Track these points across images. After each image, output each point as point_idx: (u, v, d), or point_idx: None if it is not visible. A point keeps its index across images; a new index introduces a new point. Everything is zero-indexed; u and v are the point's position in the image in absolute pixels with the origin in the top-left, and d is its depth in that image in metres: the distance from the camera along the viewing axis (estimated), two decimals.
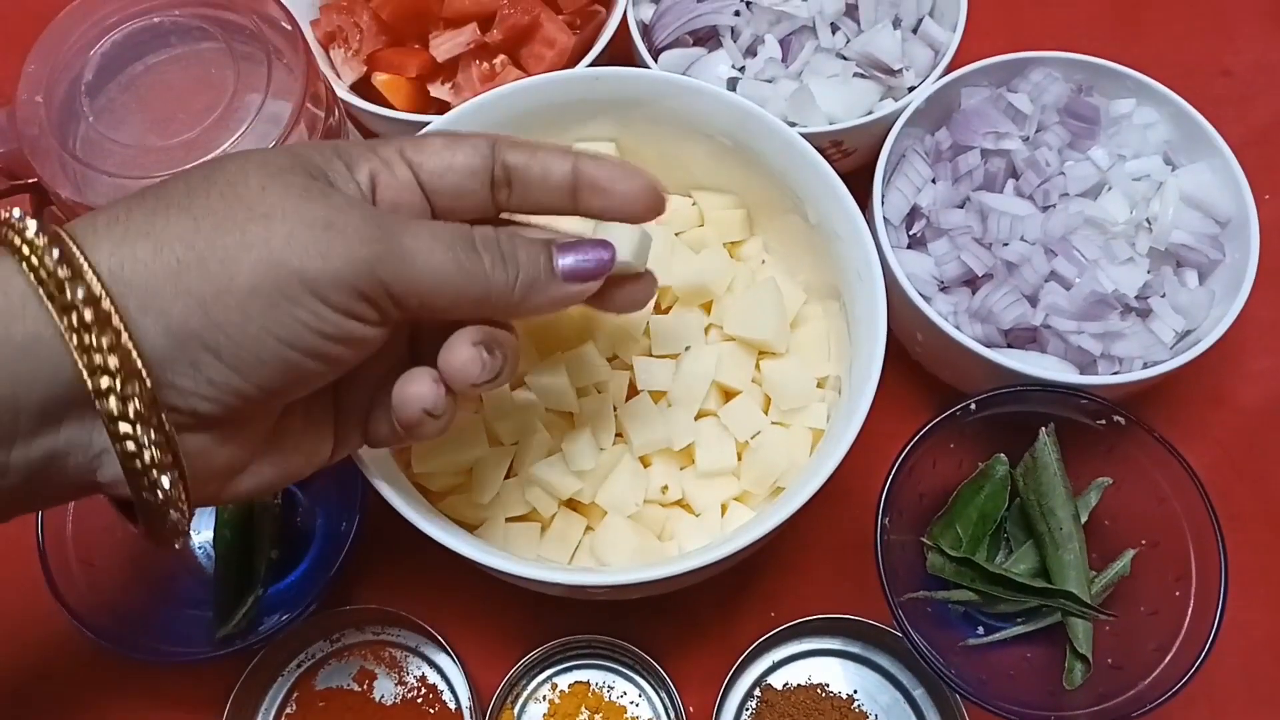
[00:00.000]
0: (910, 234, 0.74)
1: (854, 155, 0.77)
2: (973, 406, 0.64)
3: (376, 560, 0.72)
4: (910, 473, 0.64)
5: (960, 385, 0.73)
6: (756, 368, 0.65)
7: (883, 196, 0.72)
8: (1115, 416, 0.64)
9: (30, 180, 0.62)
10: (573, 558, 0.62)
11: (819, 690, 0.68)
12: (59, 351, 0.37)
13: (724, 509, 0.63)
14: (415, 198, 0.46)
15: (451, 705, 0.68)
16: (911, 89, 0.76)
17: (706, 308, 0.67)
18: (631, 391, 0.64)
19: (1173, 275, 0.70)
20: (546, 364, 0.62)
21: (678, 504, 0.64)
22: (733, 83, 0.78)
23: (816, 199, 0.63)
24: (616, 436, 0.63)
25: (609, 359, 0.65)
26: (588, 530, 0.63)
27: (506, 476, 0.63)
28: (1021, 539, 0.68)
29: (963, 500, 0.67)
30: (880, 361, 0.57)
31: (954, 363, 0.70)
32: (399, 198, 0.46)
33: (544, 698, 0.68)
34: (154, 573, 0.70)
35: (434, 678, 0.69)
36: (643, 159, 0.70)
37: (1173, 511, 0.64)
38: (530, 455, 0.62)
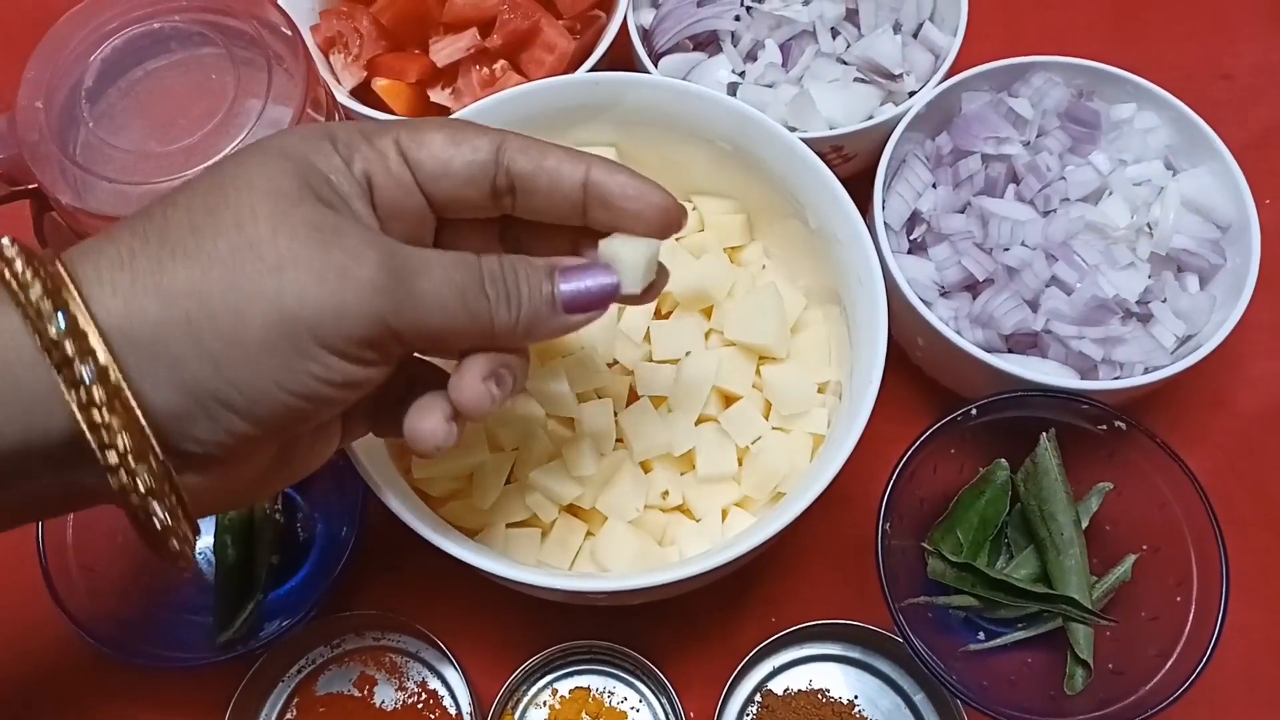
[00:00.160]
0: (911, 239, 0.74)
1: (854, 160, 0.77)
2: (974, 412, 0.64)
3: (377, 566, 0.72)
4: (911, 478, 0.64)
5: (961, 390, 0.73)
6: (757, 373, 0.65)
7: (883, 201, 0.72)
8: (1116, 421, 0.64)
9: (30, 186, 0.62)
10: (573, 563, 0.62)
11: (820, 695, 0.68)
12: (59, 405, 0.36)
13: (725, 514, 0.63)
14: (412, 198, 0.45)
15: (452, 711, 0.68)
16: (912, 94, 0.76)
17: (707, 313, 0.67)
18: (632, 397, 0.64)
19: (1174, 280, 0.70)
20: (547, 370, 0.62)
21: (678, 509, 0.64)
22: (733, 88, 0.78)
23: (817, 204, 0.63)
24: (617, 442, 0.63)
25: (609, 364, 0.65)
26: (588, 536, 0.63)
27: (507, 482, 0.63)
28: (1022, 544, 0.68)
29: (963, 505, 0.67)
30: (881, 367, 0.57)
31: (955, 368, 0.70)
32: (395, 199, 0.44)
33: (544, 703, 0.68)
34: (154, 578, 0.70)
35: (434, 683, 0.69)
36: (643, 164, 0.69)
37: (1174, 516, 0.64)
38: (531, 461, 0.62)
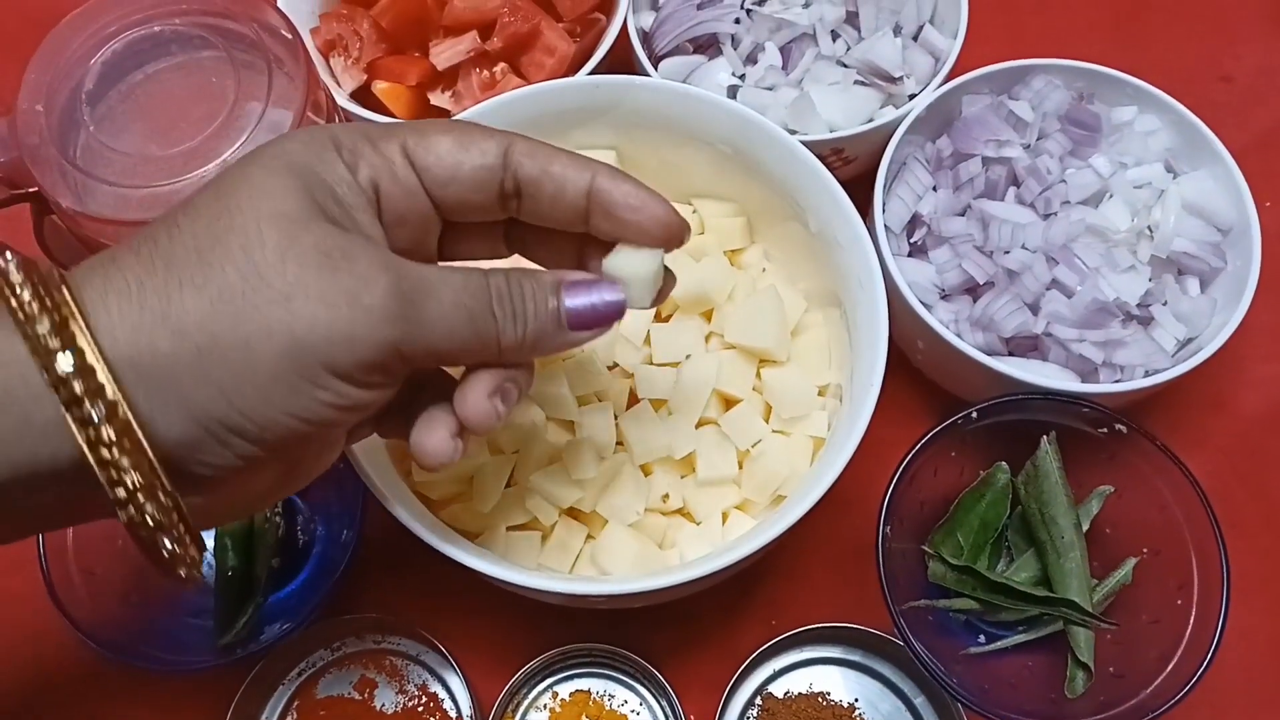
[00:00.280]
0: (911, 242, 0.74)
1: (855, 163, 0.77)
2: (974, 415, 0.64)
3: (377, 569, 0.72)
4: (911, 481, 0.64)
5: (961, 393, 0.73)
6: (757, 376, 0.65)
7: (883, 204, 0.72)
8: (1117, 425, 0.64)
9: (31, 189, 0.62)
10: (574, 566, 0.62)
11: (820, 698, 0.68)
12: (66, 436, 0.36)
13: (725, 517, 0.63)
14: (420, 203, 0.45)
15: (452, 714, 0.68)
16: (912, 96, 0.76)
17: (707, 316, 0.67)
18: (632, 400, 0.64)
19: (1174, 283, 0.70)
20: (547, 373, 0.62)
21: (679, 512, 0.64)
22: (733, 90, 0.78)
23: (817, 207, 0.63)
24: (617, 445, 0.63)
25: (610, 367, 0.65)
26: (589, 539, 0.63)
27: (507, 485, 0.63)
28: (1023, 547, 0.68)
29: (964, 508, 0.67)
30: (882, 370, 0.57)
31: (955, 371, 0.70)
32: (402, 205, 0.44)
33: (545, 706, 0.68)
34: (155, 582, 0.70)
35: (435, 686, 0.69)
36: (643, 167, 0.70)
37: (1174, 519, 0.64)
38: (531, 464, 0.62)
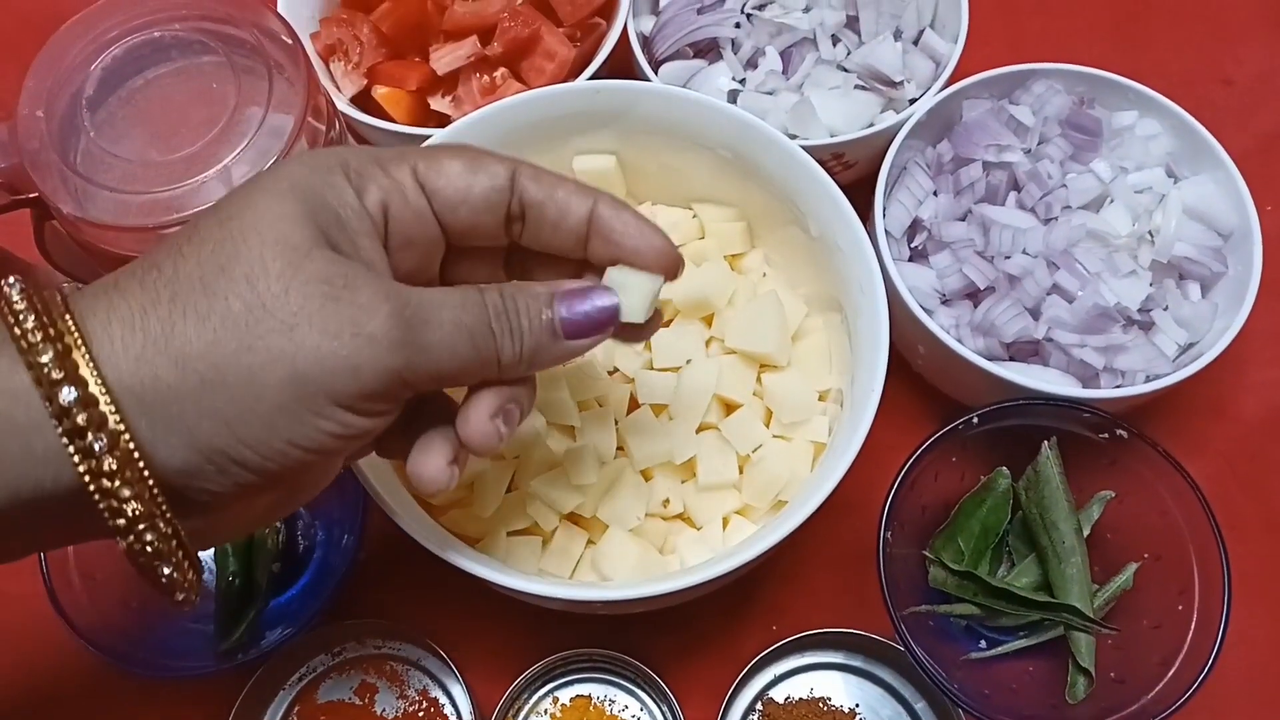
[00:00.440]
0: (912, 246, 0.74)
1: (855, 167, 0.77)
2: (975, 420, 0.64)
3: (377, 574, 0.72)
4: (912, 486, 0.64)
5: (962, 398, 0.73)
6: (758, 381, 0.65)
7: (884, 209, 0.72)
8: (1118, 430, 0.64)
9: (31, 194, 0.62)
10: (574, 572, 0.62)
11: (821, 704, 0.67)
12: (67, 464, 0.36)
13: (726, 522, 0.63)
14: (428, 227, 0.45)
15: (453, 719, 0.68)
16: (913, 101, 0.76)
17: (708, 321, 0.67)
18: (632, 405, 0.64)
19: (1175, 288, 0.70)
20: (548, 378, 0.62)
21: (679, 517, 0.64)
22: (733, 95, 0.78)
23: (817, 211, 0.63)
24: (618, 450, 0.63)
25: (610, 372, 0.65)
26: (589, 544, 0.63)
27: (508, 490, 0.63)
28: (1024, 552, 0.68)
29: (965, 513, 0.67)
30: (883, 375, 0.57)
31: (956, 376, 0.70)
32: (411, 228, 0.44)
33: (545, 712, 0.68)
34: None
35: (435, 691, 0.69)
36: (643, 171, 0.70)
37: (1175, 524, 0.63)
38: (531, 469, 0.62)
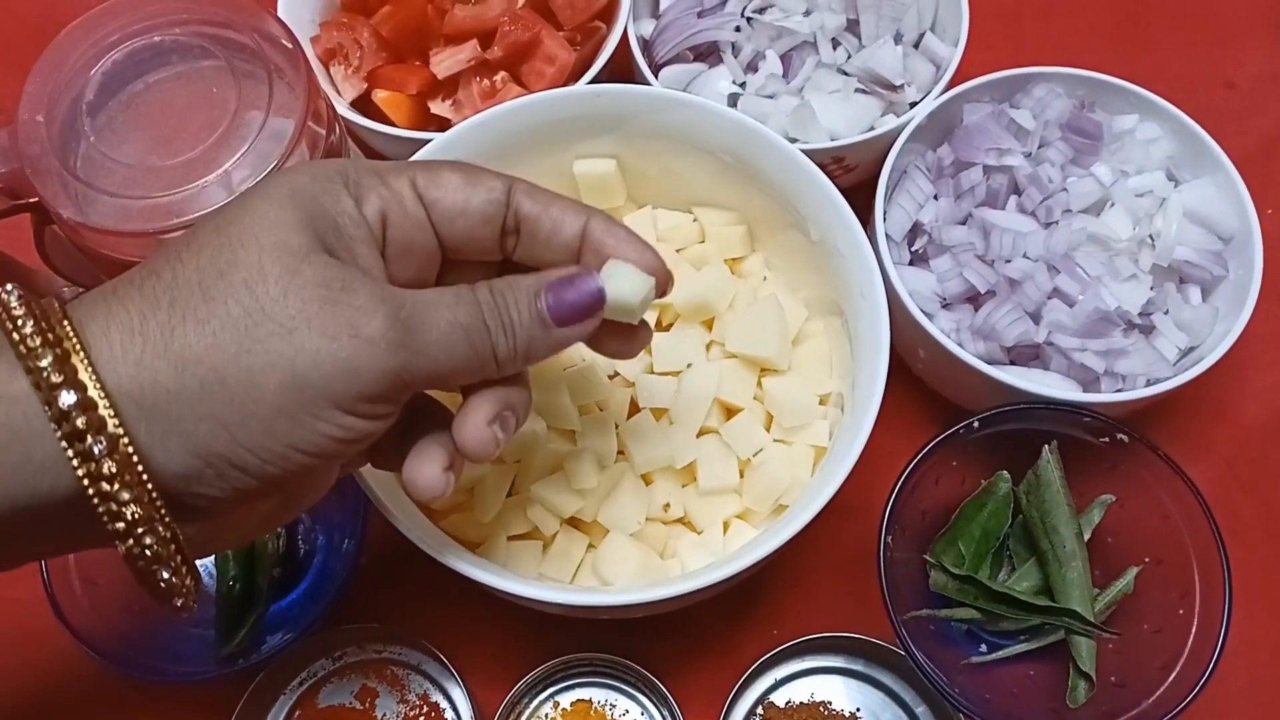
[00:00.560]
0: (912, 250, 0.74)
1: (855, 171, 0.77)
2: (976, 424, 0.64)
3: (378, 578, 0.72)
4: (913, 490, 0.64)
5: (963, 402, 0.73)
6: (758, 385, 0.65)
7: (884, 213, 0.72)
8: (1118, 434, 0.64)
9: (31, 199, 0.62)
10: (575, 576, 0.62)
11: (822, 708, 0.67)
12: (66, 470, 0.36)
13: (726, 527, 0.63)
14: (426, 237, 0.45)
15: None
16: (913, 104, 0.76)
17: (708, 325, 0.67)
18: (633, 409, 0.64)
19: (1176, 292, 0.70)
20: (548, 382, 0.62)
21: (680, 522, 0.64)
22: (734, 99, 0.78)
23: (818, 215, 0.63)
24: (618, 454, 0.63)
25: (610, 376, 0.65)
26: (590, 548, 0.63)
27: (508, 495, 0.63)
28: (1024, 556, 0.68)
29: (965, 518, 0.67)
30: (883, 379, 0.57)
31: (957, 380, 0.70)
32: (409, 238, 0.44)
33: (546, 716, 0.68)
34: None
35: (436, 696, 0.69)
36: (644, 175, 0.70)
37: (1176, 528, 0.63)
38: (532, 474, 0.62)
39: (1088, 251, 0.69)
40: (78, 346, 0.37)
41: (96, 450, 0.36)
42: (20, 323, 0.36)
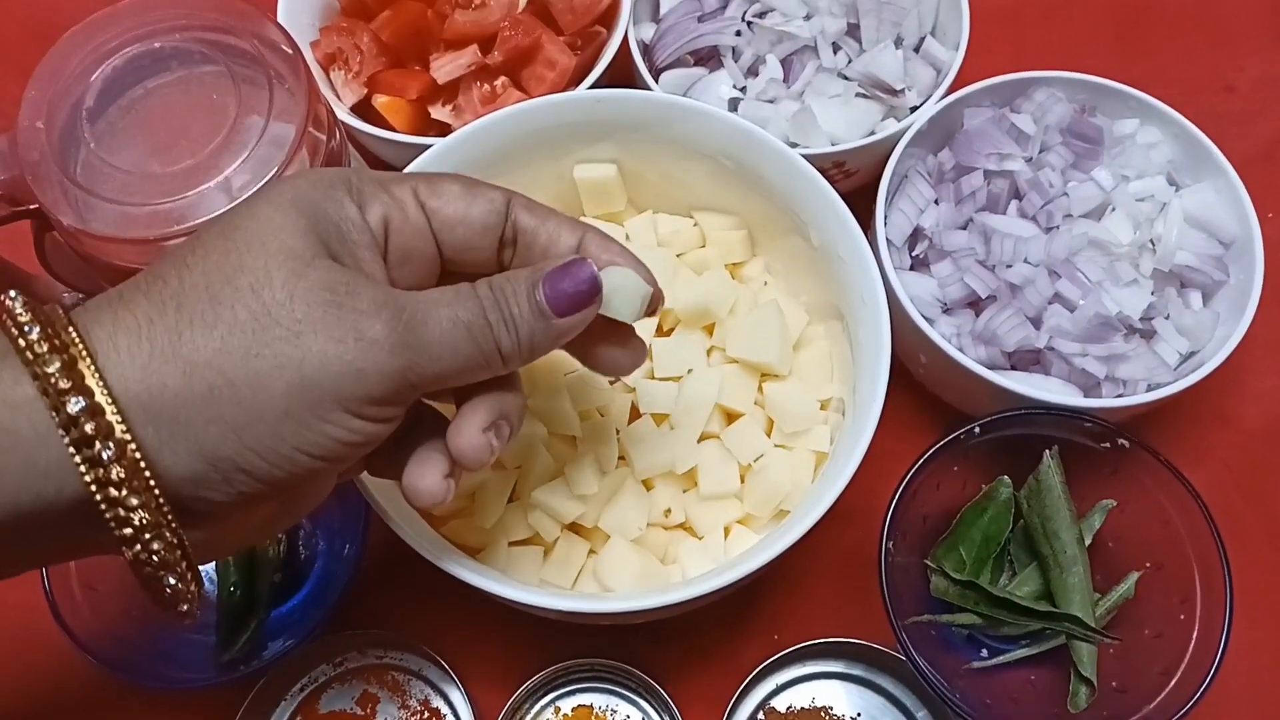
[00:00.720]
0: (913, 255, 0.74)
1: (856, 176, 0.77)
2: (977, 429, 0.64)
3: (379, 584, 0.71)
4: (914, 495, 0.64)
5: (963, 407, 0.73)
6: (759, 390, 0.65)
7: (885, 218, 0.72)
8: (1119, 439, 0.64)
9: (31, 206, 0.62)
10: (576, 582, 0.62)
11: (823, 713, 0.67)
12: (72, 475, 0.36)
13: (727, 532, 0.63)
14: (426, 245, 0.46)
15: None
16: (914, 109, 0.76)
17: (709, 330, 0.67)
18: (634, 414, 0.64)
19: (1177, 297, 0.70)
20: (549, 387, 0.62)
21: (681, 527, 0.64)
22: (734, 103, 0.78)
23: (818, 220, 0.63)
24: (619, 460, 0.63)
25: (611, 382, 0.65)
26: (591, 554, 0.63)
27: (509, 501, 0.63)
28: (1025, 561, 0.68)
29: (966, 523, 0.67)
30: (884, 384, 0.57)
31: (957, 385, 0.70)
32: (410, 245, 0.45)
33: None
34: None
35: (437, 701, 0.69)
36: (644, 180, 0.70)
37: (1177, 533, 0.63)
38: (533, 479, 0.62)
39: (1088, 256, 0.69)
40: (84, 352, 0.37)
41: (104, 456, 0.36)
42: (27, 329, 0.37)
